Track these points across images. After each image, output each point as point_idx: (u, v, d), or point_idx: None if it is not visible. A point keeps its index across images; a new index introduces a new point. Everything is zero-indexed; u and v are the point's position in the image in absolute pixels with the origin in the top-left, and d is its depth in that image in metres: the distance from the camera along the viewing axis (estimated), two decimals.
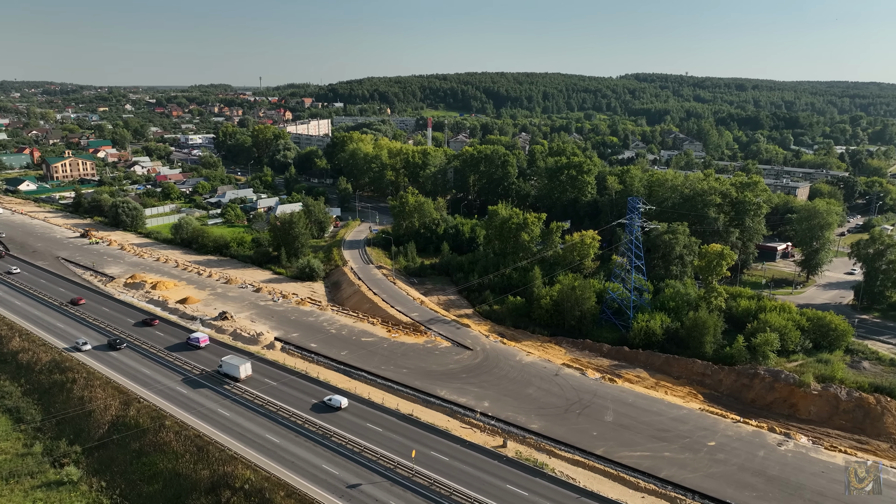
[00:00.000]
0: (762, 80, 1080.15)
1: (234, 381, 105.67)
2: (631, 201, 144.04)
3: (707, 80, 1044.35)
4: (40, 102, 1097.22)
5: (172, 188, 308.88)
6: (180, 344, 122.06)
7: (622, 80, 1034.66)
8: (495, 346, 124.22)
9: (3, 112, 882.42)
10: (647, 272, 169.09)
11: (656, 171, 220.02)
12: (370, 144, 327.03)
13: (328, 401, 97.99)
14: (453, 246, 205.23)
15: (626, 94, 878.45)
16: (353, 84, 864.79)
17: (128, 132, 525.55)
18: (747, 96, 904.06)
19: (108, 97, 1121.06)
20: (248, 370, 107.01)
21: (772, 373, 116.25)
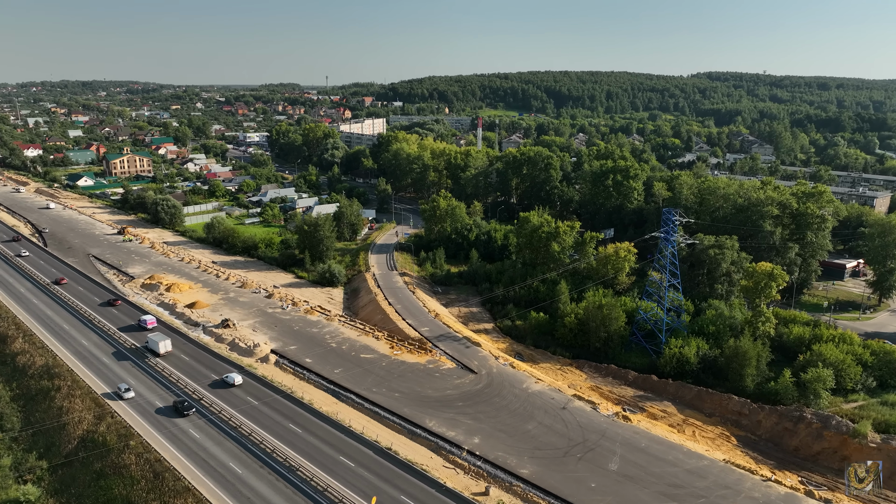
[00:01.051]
0: (849, 79, 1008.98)
1: (154, 356, 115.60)
2: (666, 213, 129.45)
3: (786, 79, 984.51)
4: (122, 101, 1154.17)
5: (218, 186, 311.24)
6: (132, 325, 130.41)
7: (692, 78, 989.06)
8: (503, 369, 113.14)
9: (85, 110, 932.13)
10: (691, 290, 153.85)
11: (709, 177, 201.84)
12: (414, 144, 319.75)
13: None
14: (484, 253, 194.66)
15: (696, 93, 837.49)
16: (414, 83, 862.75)
17: (189, 130, 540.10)
18: (830, 96, 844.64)
19: (182, 96, 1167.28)
20: (167, 346, 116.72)
21: (820, 417, 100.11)
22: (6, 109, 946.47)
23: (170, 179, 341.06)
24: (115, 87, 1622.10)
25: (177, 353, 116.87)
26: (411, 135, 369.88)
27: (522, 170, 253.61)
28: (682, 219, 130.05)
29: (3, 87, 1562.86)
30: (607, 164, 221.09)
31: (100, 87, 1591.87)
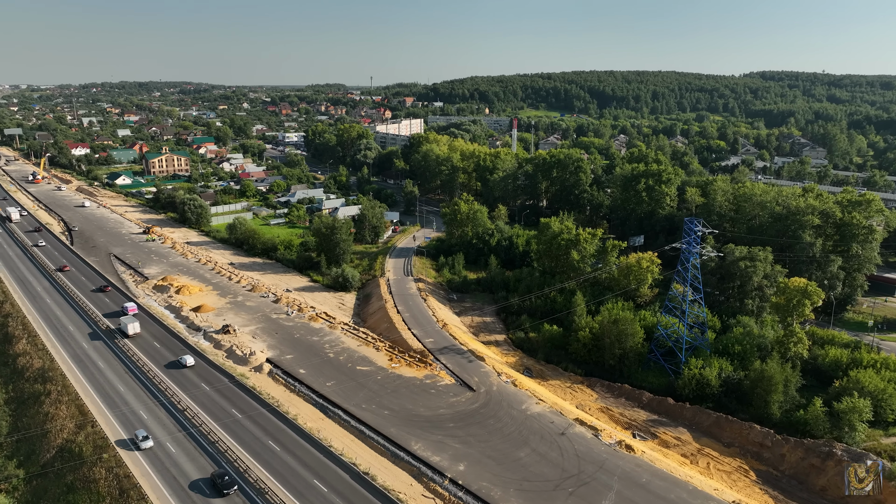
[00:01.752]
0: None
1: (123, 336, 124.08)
2: (688, 222, 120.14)
3: (846, 79, 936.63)
4: (173, 101, 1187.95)
5: (249, 186, 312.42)
6: (116, 311, 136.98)
7: (745, 78, 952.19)
8: (504, 387, 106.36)
9: (138, 109, 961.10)
10: (720, 305, 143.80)
11: (747, 182, 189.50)
12: (444, 146, 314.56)
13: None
14: (505, 260, 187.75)
15: (747, 93, 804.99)
16: (455, 83, 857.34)
17: (230, 129, 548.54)
18: (894, 96, 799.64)
19: (230, 96, 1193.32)
20: (136, 329, 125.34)
21: (852, 455, 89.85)
22: (66, 109, 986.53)
23: (205, 179, 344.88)
24: (169, 87, 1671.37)
25: (144, 335, 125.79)
26: (442, 136, 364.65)
27: (552, 173, 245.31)
28: (704, 229, 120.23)
29: (66, 88, 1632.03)
30: (639, 168, 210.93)
31: (155, 88, 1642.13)
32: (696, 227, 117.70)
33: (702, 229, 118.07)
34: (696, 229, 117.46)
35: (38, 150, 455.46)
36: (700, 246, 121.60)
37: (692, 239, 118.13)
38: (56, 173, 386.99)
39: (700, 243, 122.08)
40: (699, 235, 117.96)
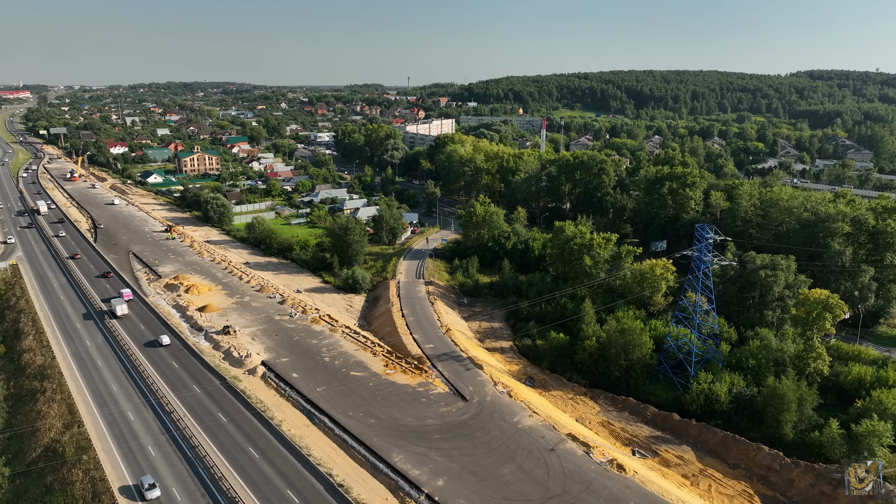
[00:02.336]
0: None
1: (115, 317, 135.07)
2: (698, 229, 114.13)
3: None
4: (215, 101, 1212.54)
5: (275, 185, 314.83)
6: (114, 295, 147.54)
7: (791, 78, 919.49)
8: (498, 398, 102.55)
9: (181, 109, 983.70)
10: (739, 316, 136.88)
11: (777, 186, 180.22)
12: (469, 146, 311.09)
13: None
14: (520, 264, 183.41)
15: (792, 93, 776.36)
16: (490, 84, 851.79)
17: (263, 129, 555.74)
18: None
19: (270, 96, 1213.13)
20: (124, 310, 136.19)
21: None
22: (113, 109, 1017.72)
23: (233, 178, 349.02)
24: (212, 88, 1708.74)
25: (132, 316, 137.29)
26: (468, 136, 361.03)
27: (575, 175, 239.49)
28: (716, 236, 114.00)
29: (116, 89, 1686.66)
30: (663, 171, 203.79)
31: (199, 88, 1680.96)
32: (707, 233, 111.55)
33: (713, 236, 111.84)
34: (707, 236, 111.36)
35: (79, 148, 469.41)
36: (714, 254, 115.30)
37: (703, 246, 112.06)
38: (94, 171, 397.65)
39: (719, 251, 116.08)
40: (710, 242, 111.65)
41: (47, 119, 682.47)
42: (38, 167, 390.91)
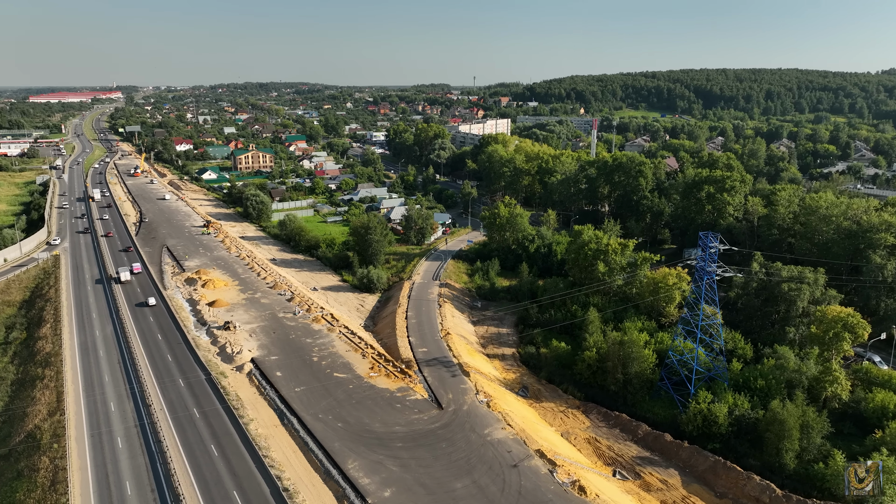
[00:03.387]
0: None
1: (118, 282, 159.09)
2: (703, 237, 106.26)
3: None
4: (286, 101, 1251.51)
5: (319, 183, 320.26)
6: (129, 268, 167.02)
7: (881, 76, 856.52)
8: (476, 407, 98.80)
9: (253, 109, 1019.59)
10: (760, 331, 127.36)
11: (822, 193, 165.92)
12: (511, 146, 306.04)
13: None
14: (542, 268, 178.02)
15: (880, 92, 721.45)
16: (552, 83, 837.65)
17: (321, 128, 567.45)
18: None
19: (338, 96, 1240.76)
20: (127, 277, 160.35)
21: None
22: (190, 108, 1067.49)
23: (283, 175, 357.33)
24: (286, 88, 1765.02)
25: (137, 271, 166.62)
26: (512, 136, 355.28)
27: (614, 177, 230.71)
28: (721, 245, 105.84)
29: (198, 89, 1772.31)
30: (701, 174, 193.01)
31: (273, 89, 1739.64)
32: (711, 241, 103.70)
33: (717, 245, 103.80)
34: (710, 245, 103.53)
35: (148, 145, 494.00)
36: (718, 264, 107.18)
37: (707, 255, 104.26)
38: (157, 167, 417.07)
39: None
40: (715, 251, 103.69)
41: (127, 118, 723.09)
42: (110, 163, 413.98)
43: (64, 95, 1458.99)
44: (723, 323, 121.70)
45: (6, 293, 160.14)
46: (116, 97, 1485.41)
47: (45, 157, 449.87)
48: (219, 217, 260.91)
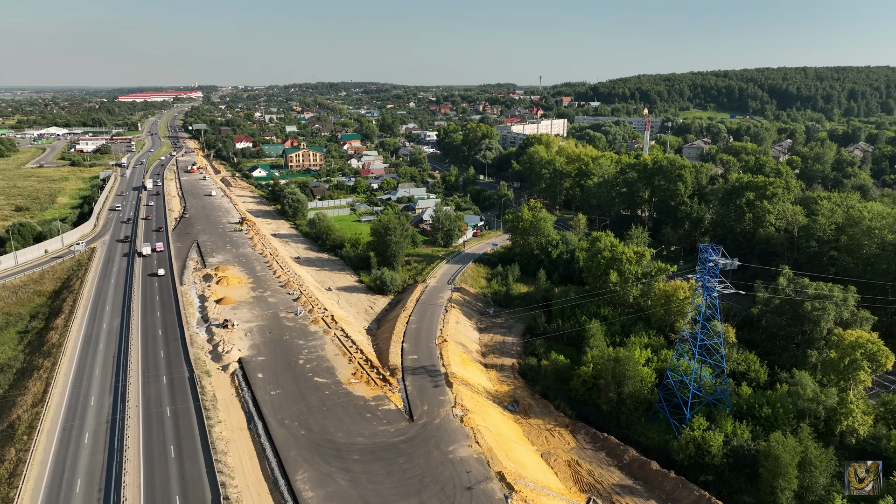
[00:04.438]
0: None
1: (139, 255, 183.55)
2: (703, 250, 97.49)
3: None
4: (353, 100, 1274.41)
5: (361, 182, 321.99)
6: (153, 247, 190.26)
7: None
8: (448, 422, 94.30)
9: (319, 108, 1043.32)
10: (781, 353, 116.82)
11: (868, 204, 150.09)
12: (554, 147, 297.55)
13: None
14: (564, 275, 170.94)
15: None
16: (617, 83, 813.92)
17: (377, 127, 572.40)
18: None
19: (402, 95, 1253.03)
20: (147, 251, 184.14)
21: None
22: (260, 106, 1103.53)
23: (330, 174, 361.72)
24: (355, 87, 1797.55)
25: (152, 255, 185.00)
26: (557, 137, 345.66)
27: (653, 181, 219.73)
28: (725, 259, 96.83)
29: (272, 89, 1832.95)
30: (742, 179, 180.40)
31: (343, 88, 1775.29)
32: (711, 255, 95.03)
33: (715, 258, 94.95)
34: (710, 258, 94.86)
35: (209, 143, 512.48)
36: (719, 279, 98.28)
37: (707, 269, 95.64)
38: (215, 164, 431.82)
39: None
40: (716, 266, 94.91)
41: (196, 117, 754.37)
42: (172, 159, 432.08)
43: (149, 95, 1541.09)
44: (735, 342, 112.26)
45: (39, 283, 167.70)
46: (196, 96, 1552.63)
47: (116, 153, 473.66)
48: (258, 214, 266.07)
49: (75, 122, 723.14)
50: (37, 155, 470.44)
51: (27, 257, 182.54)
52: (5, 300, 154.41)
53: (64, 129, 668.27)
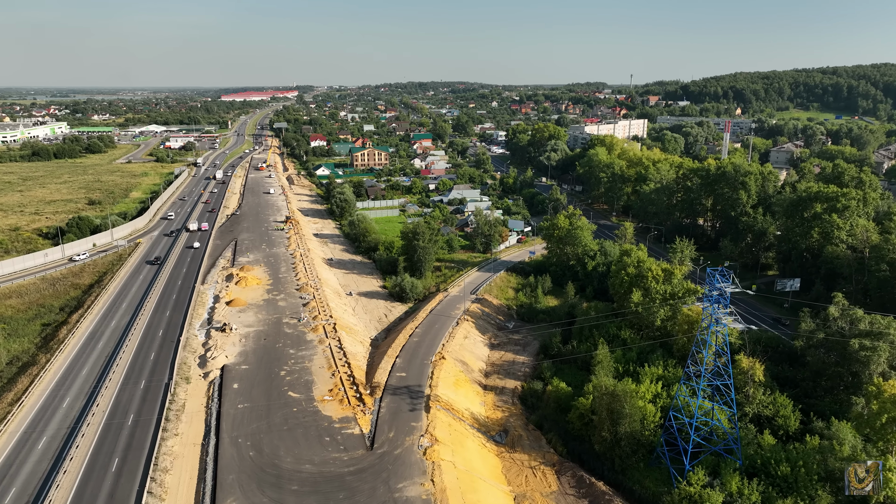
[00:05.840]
0: None
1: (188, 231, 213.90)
2: (711, 274, 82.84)
3: None
4: (439, 100, 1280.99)
5: (417, 183, 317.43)
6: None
7: None
8: (410, 453, 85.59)
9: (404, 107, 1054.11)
10: (827, 396, 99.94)
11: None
12: (617, 149, 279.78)
13: None
14: (598, 290, 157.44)
15: None
16: (710, 81, 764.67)
17: (450, 127, 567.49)
18: None
19: (487, 95, 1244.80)
20: (194, 226, 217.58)
21: None
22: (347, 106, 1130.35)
23: (391, 174, 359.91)
24: (443, 87, 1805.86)
25: (203, 229, 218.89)
26: (620, 139, 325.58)
27: (716, 188, 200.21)
28: (735, 286, 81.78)
29: (363, 88, 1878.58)
30: (811, 189, 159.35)
31: (431, 88, 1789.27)
32: (720, 281, 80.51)
33: (725, 286, 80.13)
34: (717, 284, 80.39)
35: (286, 141, 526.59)
36: (729, 309, 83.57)
37: (713, 297, 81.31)
38: (287, 162, 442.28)
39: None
40: (724, 294, 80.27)
41: (284, 115, 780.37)
42: (249, 156, 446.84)
43: (249, 94, 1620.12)
44: (763, 380, 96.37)
45: (79, 276, 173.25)
46: (291, 96, 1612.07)
47: (199, 150, 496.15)
48: (309, 213, 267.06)
49: (173, 120, 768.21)
50: (130, 151, 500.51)
51: (74, 250, 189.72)
52: (42, 292, 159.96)
53: (162, 126, 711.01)
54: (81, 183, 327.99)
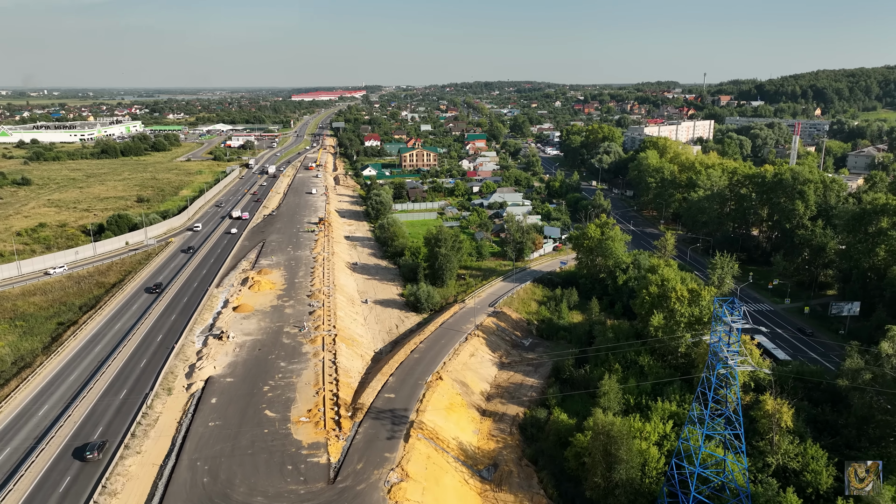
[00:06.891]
0: None
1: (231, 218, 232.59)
2: (717, 304, 70.36)
3: None
4: (503, 99, 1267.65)
5: (459, 185, 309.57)
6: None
7: None
8: (373, 490, 77.47)
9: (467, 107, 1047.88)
10: (874, 446, 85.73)
11: None
12: (669, 153, 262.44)
13: None
14: (627, 306, 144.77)
15: None
16: (787, 80, 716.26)
17: (505, 127, 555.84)
18: None
19: (551, 94, 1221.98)
20: (238, 213, 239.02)
21: None
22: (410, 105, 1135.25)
23: (437, 175, 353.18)
24: (509, 86, 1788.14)
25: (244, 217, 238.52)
26: (674, 141, 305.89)
27: (772, 197, 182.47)
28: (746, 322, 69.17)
29: (430, 88, 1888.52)
30: (877, 201, 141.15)
31: (496, 87, 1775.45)
32: (726, 314, 68.20)
33: (730, 322, 67.58)
34: (724, 317, 68.11)
35: (340, 140, 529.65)
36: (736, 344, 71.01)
37: (720, 335, 69.09)
38: (338, 161, 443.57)
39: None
40: (735, 328, 67.89)
41: (345, 115, 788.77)
42: (303, 155, 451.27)
43: (318, 94, 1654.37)
44: (791, 426, 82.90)
45: (105, 275, 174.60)
46: (359, 96, 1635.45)
47: (257, 149, 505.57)
48: (347, 214, 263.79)
49: (240, 119, 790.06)
50: (193, 149, 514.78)
51: (105, 248, 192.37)
52: (66, 290, 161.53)
53: (229, 125, 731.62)
54: (138, 180, 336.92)
